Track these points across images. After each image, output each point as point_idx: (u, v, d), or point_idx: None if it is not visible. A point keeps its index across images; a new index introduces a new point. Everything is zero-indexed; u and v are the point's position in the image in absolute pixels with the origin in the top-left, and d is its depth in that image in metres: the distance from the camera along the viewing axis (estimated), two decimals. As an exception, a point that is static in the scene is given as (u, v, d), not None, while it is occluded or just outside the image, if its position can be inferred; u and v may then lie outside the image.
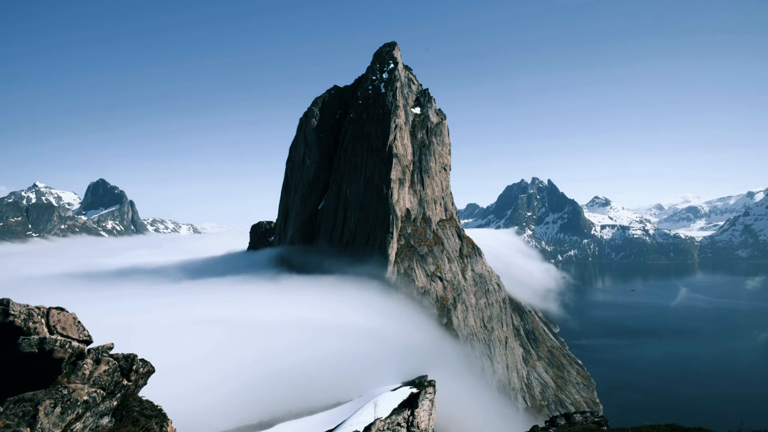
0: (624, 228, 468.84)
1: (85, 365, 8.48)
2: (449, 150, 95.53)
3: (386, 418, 14.54)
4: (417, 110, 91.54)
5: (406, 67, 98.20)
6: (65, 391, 7.82)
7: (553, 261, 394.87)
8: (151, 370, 10.19)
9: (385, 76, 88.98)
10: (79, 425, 7.82)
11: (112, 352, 9.31)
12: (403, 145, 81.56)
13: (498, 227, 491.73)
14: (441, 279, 75.40)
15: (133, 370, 9.50)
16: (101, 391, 8.58)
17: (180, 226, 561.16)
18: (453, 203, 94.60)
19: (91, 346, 8.98)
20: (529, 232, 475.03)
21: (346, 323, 56.14)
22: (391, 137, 79.41)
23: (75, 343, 8.25)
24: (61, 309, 8.43)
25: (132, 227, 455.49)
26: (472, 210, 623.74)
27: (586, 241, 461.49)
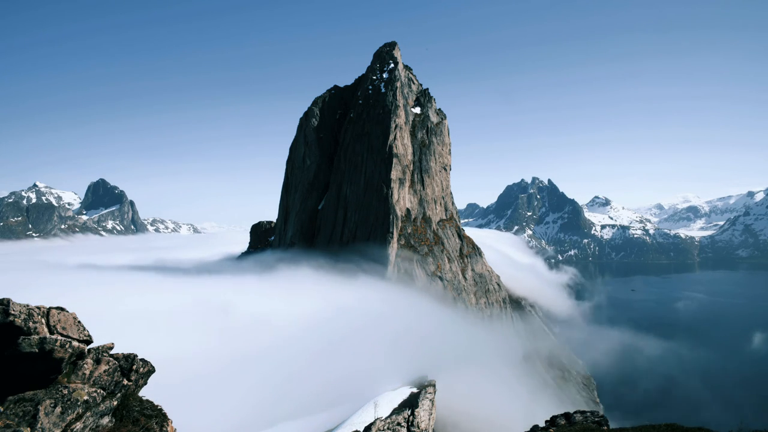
0: (624, 228, 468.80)
1: (85, 365, 8.48)
2: (449, 150, 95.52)
3: (386, 418, 14.52)
4: (417, 110, 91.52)
5: (407, 67, 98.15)
6: (65, 391, 7.83)
7: (553, 261, 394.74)
8: (151, 370, 10.20)
9: (385, 75, 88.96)
10: (79, 425, 7.83)
11: (112, 352, 9.32)
12: (403, 145, 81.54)
13: (498, 227, 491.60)
14: (441, 279, 75.40)
15: (133, 369, 9.51)
16: (101, 391, 8.59)
17: (180, 226, 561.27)
18: (453, 203, 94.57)
19: (91, 345, 8.98)
20: (530, 232, 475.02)
21: (348, 314, 56.14)
22: (391, 137, 79.40)
23: (75, 343, 8.25)
24: (61, 309, 8.43)
25: (132, 227, 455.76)
26: (472, 210, 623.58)
27: (586, 240, 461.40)
